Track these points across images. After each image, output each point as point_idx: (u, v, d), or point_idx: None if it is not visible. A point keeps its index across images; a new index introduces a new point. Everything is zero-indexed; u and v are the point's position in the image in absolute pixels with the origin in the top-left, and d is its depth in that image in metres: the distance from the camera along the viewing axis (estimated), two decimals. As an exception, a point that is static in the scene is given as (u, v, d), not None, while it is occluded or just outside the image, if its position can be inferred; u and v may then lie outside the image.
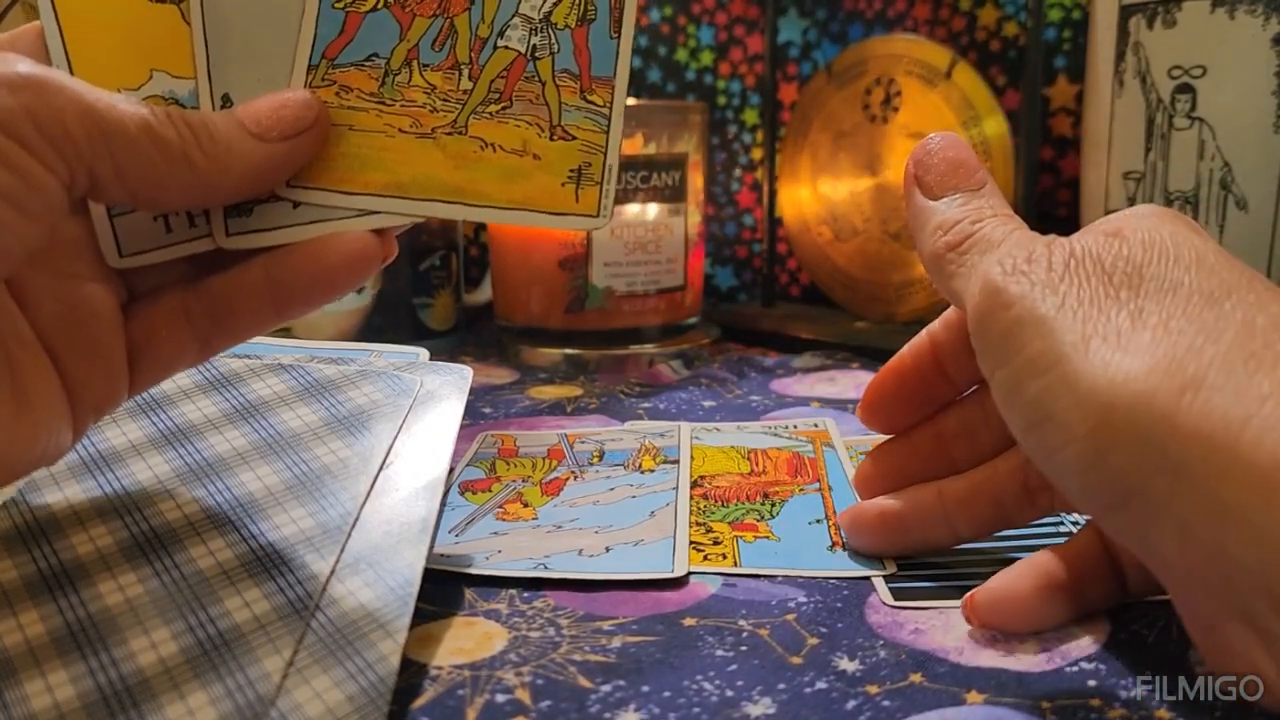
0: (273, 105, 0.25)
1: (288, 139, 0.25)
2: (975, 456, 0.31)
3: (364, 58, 0.27)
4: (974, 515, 0.31)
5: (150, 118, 0.23)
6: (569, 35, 0.27)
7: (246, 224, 0.26)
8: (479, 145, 0.27)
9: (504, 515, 0.36)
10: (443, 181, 0.27)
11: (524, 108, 0.27)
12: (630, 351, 0.58)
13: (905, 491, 0.32)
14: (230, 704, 0.23)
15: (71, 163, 0.22)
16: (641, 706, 0.24)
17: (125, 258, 0.26)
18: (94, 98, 0.22)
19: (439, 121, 0.27)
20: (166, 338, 0.26)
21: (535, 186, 0.27)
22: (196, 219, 0.26)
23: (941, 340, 0.32)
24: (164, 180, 0.23)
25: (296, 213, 0.27)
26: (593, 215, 0.28)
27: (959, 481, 0.31)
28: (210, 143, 0.24)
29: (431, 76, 0.27)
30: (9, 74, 0.21)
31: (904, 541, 0.32)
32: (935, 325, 0.32)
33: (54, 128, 0.21)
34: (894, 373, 0.32)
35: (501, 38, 0.27)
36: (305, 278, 0.26)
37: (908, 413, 0.33)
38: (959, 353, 0.31)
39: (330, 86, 0.27)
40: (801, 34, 0.71)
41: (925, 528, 0.31)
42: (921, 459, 0.32)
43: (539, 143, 0.27)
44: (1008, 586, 0.27)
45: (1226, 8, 0.47)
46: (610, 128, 0.27)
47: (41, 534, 0.28)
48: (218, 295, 0.26)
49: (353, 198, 0.27)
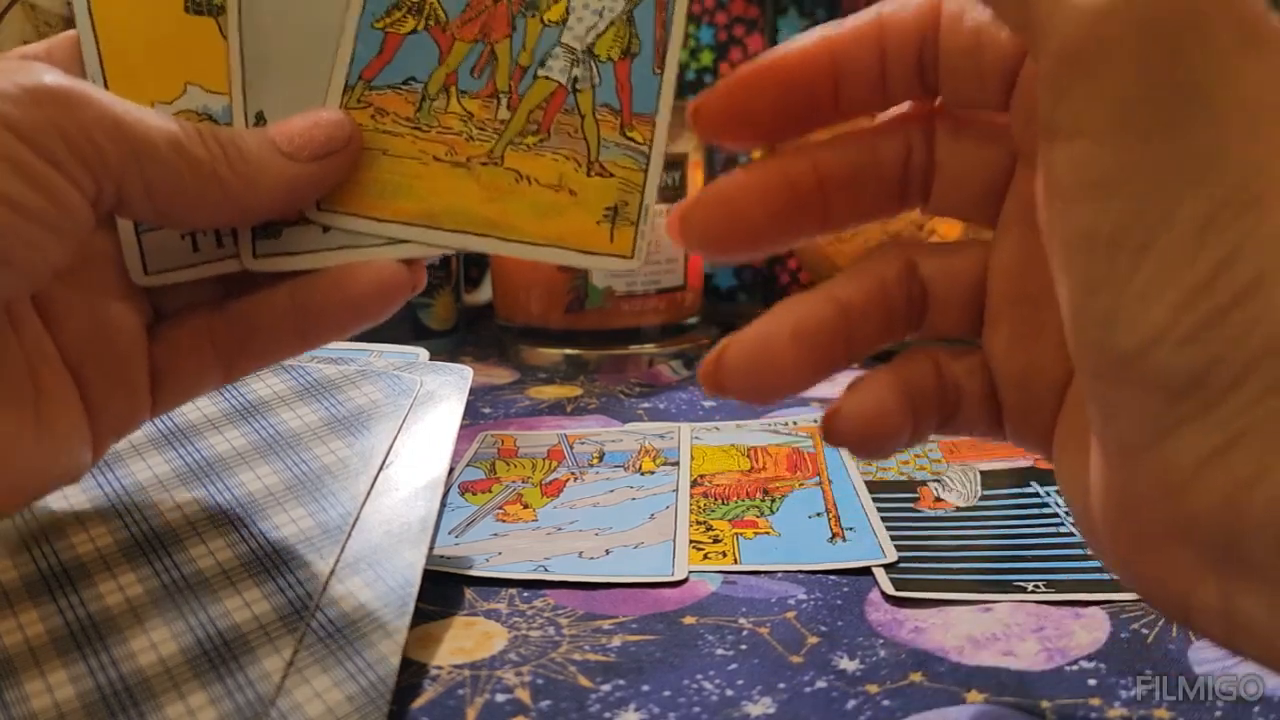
0: (305, 124, 0.25)
1: (319, 159, 0.25)
2: (853, 213, 0.24)
3: (401, 81, 0.26)
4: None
5: (180, 134, 0.22)
6: (611, 69, 0.26)
7: (274, 246, 0.26)
8: (514, 177, 0.26)
9: (504, 516, 0.36)
10: (475, 214, 0.26)
11: (562, 141, 0.26)
12: (630, 351, 0.58)
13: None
14: (230, 704, 0.23)
15: (99, 178, 0.21)
16: (641, 706, 0.24)
17: (151, 275, 0.26)
18: (123, 111, 0.22)
19: (475, 151, 0.26)
20: (190, 359, 0.26)
21: (569, 223, 0.26)
22: (224, 239, 0.26)
23: (849, 44, 0.23)
24: (192, 197, 0.23)
25: (325, 238, 0.26)
26: (626, 256, 0.27)
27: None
28: (240, 161, 0.23)
29: (469, 104, 0.26)
30: (35, 85, 0.21)
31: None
32: (846, 25, 0.23)
33: (81, 142, 0.21)
34: (770, 70, 0.23)
35: (542, 67, 0.26)
36: (331, 305, 0.26)
37: (769, 123, 0.23)
38: (873, 66, 0.23)
39: (366, 109, 0.26)
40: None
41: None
42: (797, 189, 0.23)
43: (575, 178, 0.26)
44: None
45: (1226, 7, 0.47)
46: (649, 167, 0.26)
47: (41, 534, 0.28)
48: (243, 319, 0.26)
49: (383, 225, 0.26)
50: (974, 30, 0.22)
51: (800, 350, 0.22)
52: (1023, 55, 0.21)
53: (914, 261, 0.23)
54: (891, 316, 0.23)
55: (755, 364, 0.22)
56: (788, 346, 0.22)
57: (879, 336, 0.23)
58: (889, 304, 0.23)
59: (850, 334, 0.23)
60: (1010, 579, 0.30)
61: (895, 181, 0.24)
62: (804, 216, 0.23)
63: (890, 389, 0.23)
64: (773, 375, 0.22)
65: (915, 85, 0.23)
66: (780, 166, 0.23)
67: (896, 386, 0.23)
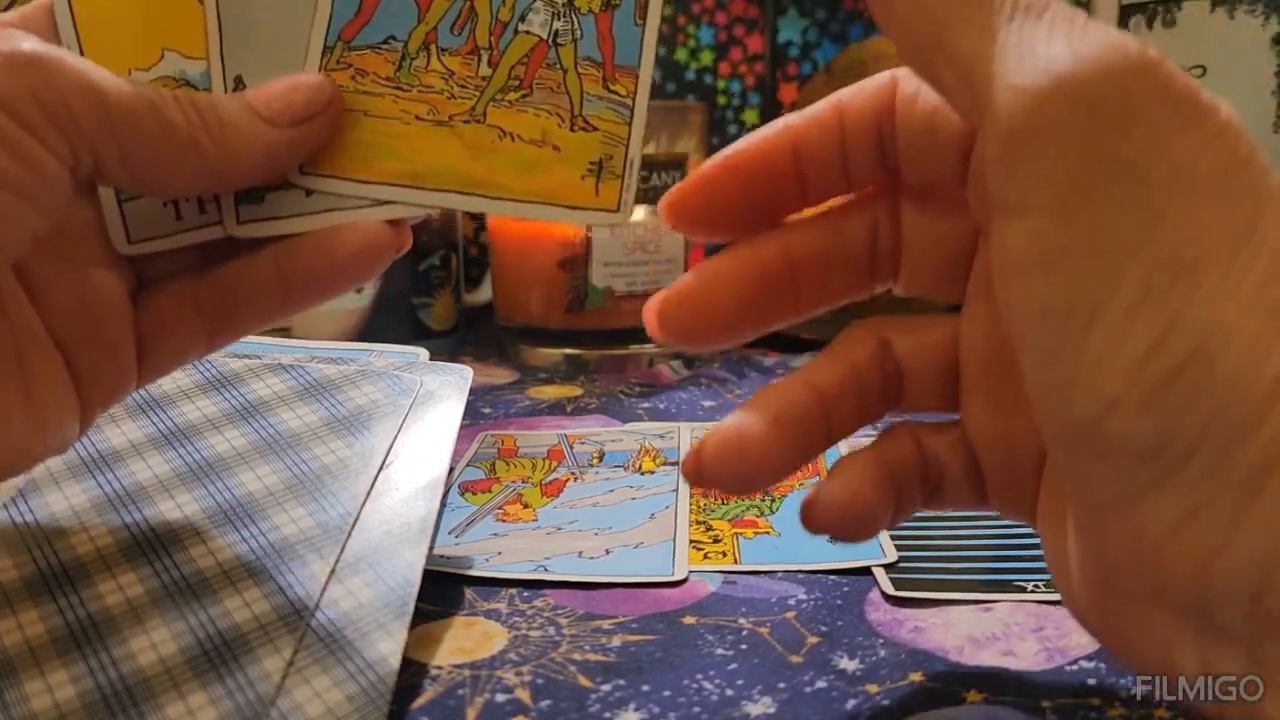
0: (284, 88, 0.25)
1: (299, 123, 0.25)
2: (824, 295, 0.25)
3: (381, 40, 0.26)
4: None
5: (157, 99, 0.22)
6: (592, 21, 0.26)
7: (257, 211, 0.26)
8: (497, 134, 0.26)
9: (504, 516, 0.36)
10: (459, 172, 0.26)
11: (544, 96, 0.26)
12: (630, 351, 0.58)
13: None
14: (230, 704, 0.23)
15: (75, 145, 0.21)
16: (641, 706, 0.24)
17: (134, 244, 0.25)
18: (99, 78, 0.21)
19: (456, 109, 0.26)
20: (175, 327, 0.26)
21: (554, 179, 0.26)
22: (207, 206, 0.26)
23: (810, 131, 0.23)
24: (170, 164, 0.23)
25: (309, 201, 0.26)
26: (613, 210, 0.27)
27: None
28: (219, 126, 0.23)
29: (450, 61, 0.26)
30: (11, 52, 0.21)
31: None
32: (805, 115, 0.23)
33: (57, 108, 0.21)
34: (734, 165, 0.23)
35: (523, 22, 0.26)
36: (316, 269, 0.26)
37: (738, 216, 0.24)
38: (835, 151, 0.23)
39: (345, 70, 0.26)
40: (801, 34, 0.71)
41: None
42: (768, 277, 0.24)
43: (559, 133, 0.26)
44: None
45: (1226, 8, 0.47)
46: (633, 119, 0.26)
47: (41, 534, 0.28)
48: (227, 285, 0.26)
49: (367, 186, 0.26)
50: (928, 111, 0.22)
51: (779, 438, 0.23)
52: (975, 133, 0.21)
53: (887, 340, 0.24)
54: (867, 398, 0.24)
55: (734, 457, 0.22)
56: (765, 436, 0.22)
57: (856, 420, 0.24)
58: (864, 387, 0.24)
59: (828, 419, 0.23)
60: (1010, 579, 0.30)
61: (864, 260, 0.24)
62: (776, 304, 0.24)
63: (868, 472, 0.23)
64: (751, 466, 0.22)
65: (877, 166, 0.23)
66: (751, 253, 0.24)
67: (876, 468, 0.23)
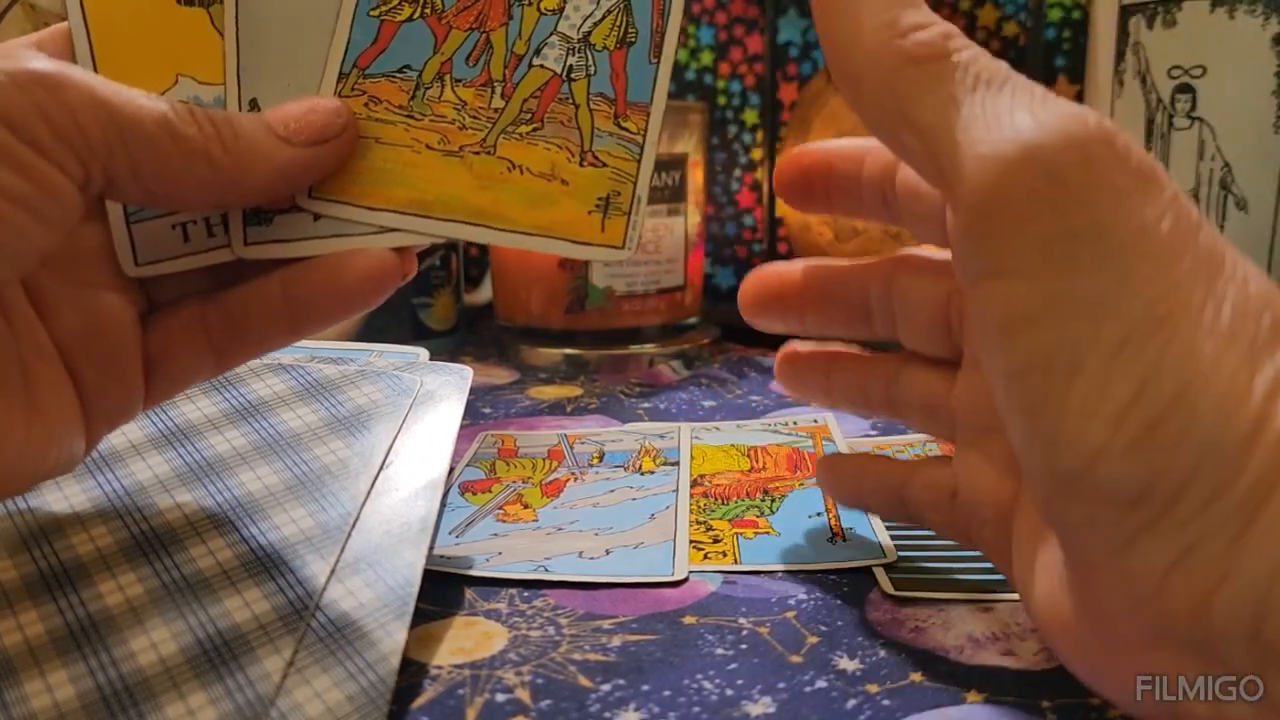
0: (303, 109, 0.25)
1: (315, 144, 0.25)
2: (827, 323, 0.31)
3: (396, 69, 0.26)
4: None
5: (169, 113, 0.22)
6: (607, 57, 0.26)
7: (265, 234, 0.26)
8: (506, 166, 0.26)
9: (504, 517, 0.36)
10: (467, 202, 0.26)
11: (555, 130, 0.26)
12: (630, 351, 0.58)
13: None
14: (230, 704, 0.23)
15: (86, 161, 0.21)
16: (641, 706, 0.24)
17: (141, 266, 0.26)
18: (108, 92, 0.21)
19: (467, 139, 0.26)
20: (183, 349, 0.26)
21: (561, 213, 0.26)
22: (215, 229, 0.26)
23: (839, 164, 0.28)
24: (182, 177, 0.23)
25: (317, 225, 0.26)
26: (618, 246, 0.27)
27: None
28: (233, 140, 0.23)
29: (463, 92, 0.26)
30: (20, 70, 0.21)
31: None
32: (842, 144, 0.28)
33: (67, 125, 0.21)
34: (798, 159, 0.29)
35: (538, 56, 0.26)
36: (323, 294, 0.26)
37: (829, 195, 0.29)
38: (853, 181, 0.28)
39: (360, 96, 0.26)
40: (801, 34, 0.71)
41: None
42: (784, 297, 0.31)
43: (568, 168, 0.26)
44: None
45: (1226, 8, 0.47)
46: (642, 156, 0.27)
47: (41, 534, 0.28)
48: (235, 308, 0.26)
49: (375, 213, 0.26)
50: (914, 178, 0.25)
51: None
52: None
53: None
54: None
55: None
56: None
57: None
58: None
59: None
60: (1010, 579, 0.30)
61: (861, 316, 0.29)
62: (786, 310, 0.31)
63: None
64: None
65: (882, 210, 0.28)
66: (778, 269, 0.31)
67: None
